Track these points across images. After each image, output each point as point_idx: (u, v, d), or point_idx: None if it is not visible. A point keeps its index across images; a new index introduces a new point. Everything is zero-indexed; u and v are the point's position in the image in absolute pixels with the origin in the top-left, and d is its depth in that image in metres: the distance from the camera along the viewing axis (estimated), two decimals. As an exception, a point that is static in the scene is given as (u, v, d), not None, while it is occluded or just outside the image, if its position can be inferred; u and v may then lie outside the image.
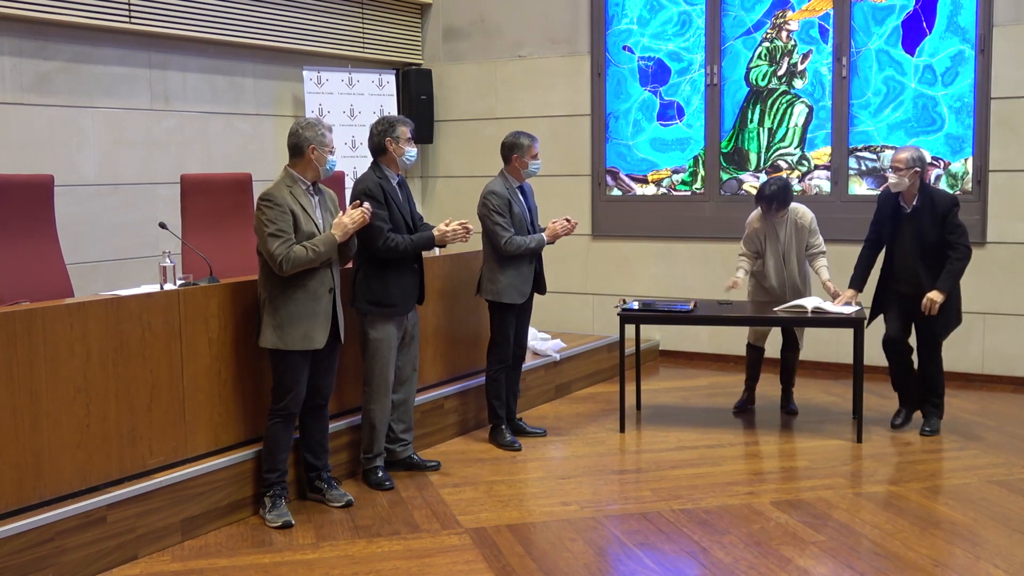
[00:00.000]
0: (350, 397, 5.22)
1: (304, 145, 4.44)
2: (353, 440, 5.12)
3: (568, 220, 5.65)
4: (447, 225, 5.02)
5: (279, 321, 4.39)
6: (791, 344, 6.40)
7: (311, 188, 4.51)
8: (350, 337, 4.88)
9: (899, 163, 5.60)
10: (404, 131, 4.98)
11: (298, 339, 4.41)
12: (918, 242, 5.64)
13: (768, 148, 7.87)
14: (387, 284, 4.91)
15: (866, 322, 5.83)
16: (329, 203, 4.61)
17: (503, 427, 5.70)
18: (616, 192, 8.38)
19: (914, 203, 5.65)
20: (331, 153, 4.51)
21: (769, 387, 7.11)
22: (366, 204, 4.60)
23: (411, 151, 5.02)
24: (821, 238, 6.14)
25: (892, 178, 5.65)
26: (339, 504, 4.70)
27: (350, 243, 4.59)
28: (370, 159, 5.08)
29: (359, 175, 5.06)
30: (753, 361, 6.49)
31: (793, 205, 6.11)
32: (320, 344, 4.49)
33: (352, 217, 4.50)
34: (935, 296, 5.56)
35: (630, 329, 6.20)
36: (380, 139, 4.95)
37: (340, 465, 5.04)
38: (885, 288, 5.86)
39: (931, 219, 5.60)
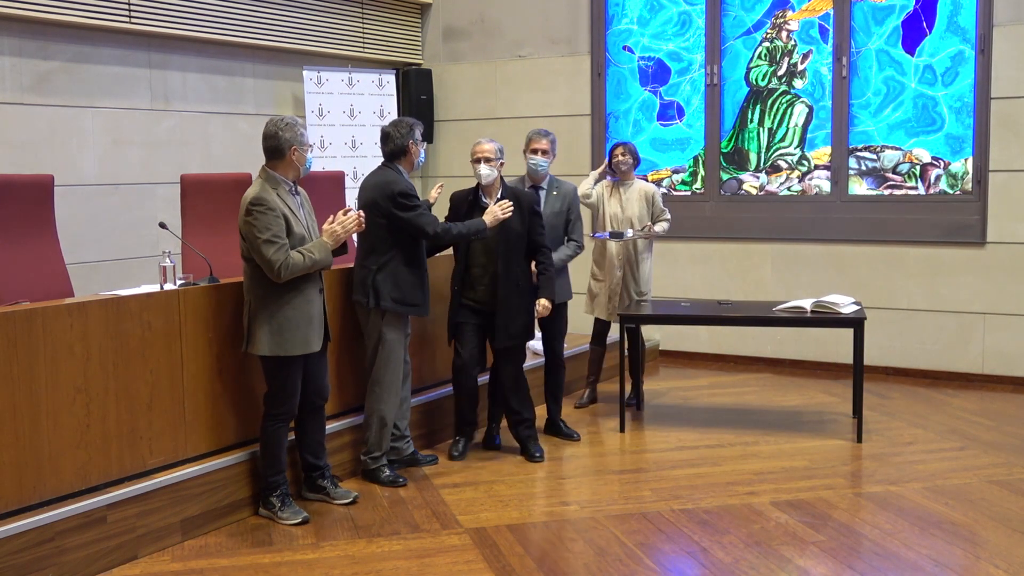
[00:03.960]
0: (351, 397, 5.22)
1: (285, 147, 4.40)
2: (354, 440, 5.12)
3: None
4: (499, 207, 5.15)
5: (277, 327, 4.36)
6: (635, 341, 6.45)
7: (293, 188, 4.50)
8: (353, 336, 4.90)
9: (489, 152, 5.27)
10: (418, 133, 5.08)
11: (298, 344, 4.40)
12: (503, 242, 5.23)
13: (768, 148, 7.88)
14: (413, 283, 4.97)
15: (449, 340, 5.44)
16: (305, 202, 4.61)
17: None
18: (616, 192, 8.38)
19: (497, 197, 5.28)
20: (310, 151, 4.51)
21: (766, 387, 7.12)
22: (360, 212, 4.60)
23: (423, 152, 5.15)
24: (668, 212, 6.39)
25: (484, 169, 5.26)
26: (346, 501, 4.71)
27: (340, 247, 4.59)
28: (370, 159, 5.09)
29: (376, 176, 5.00)
30: (596, 358, 6.61)
31: (639, 181, 6.40)
32: (317, 347, 4.50)
33: (344, 225, 4.48)
34: (547, 303, 5.35)
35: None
36: (405, 141, 4.99)
37: (341, 465, 5.04)
38: (460, 302, 5.36)
39: (524, 213, 5.27)
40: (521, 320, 5.33)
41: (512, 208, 5.15)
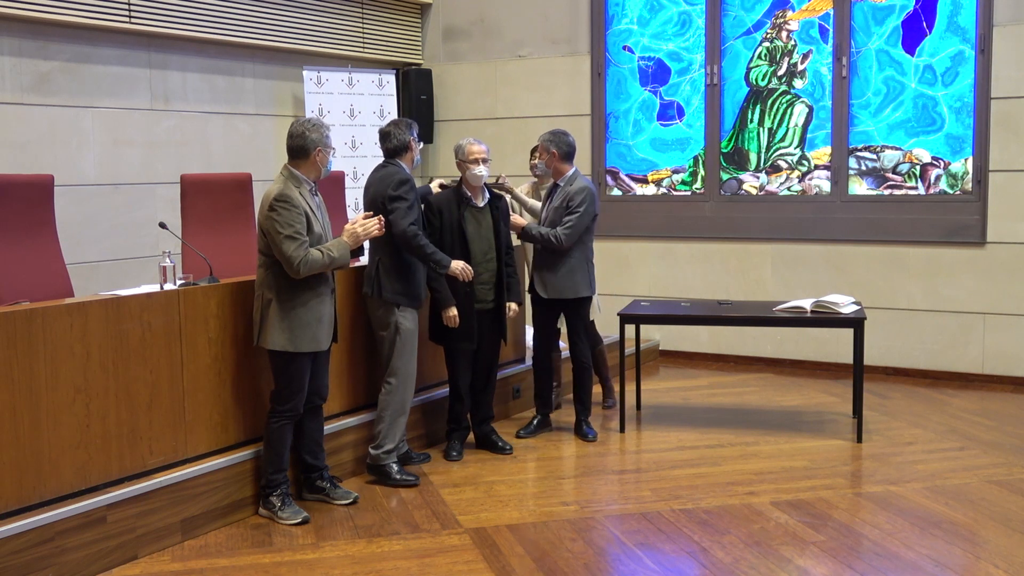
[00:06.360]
0: (353, 396, 5.23)
1: (311, 147, 4.44)
2: (356, 440, 5.12)
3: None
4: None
5: (290, 323, 4.38)
6: (593, 342, 6.28)
7: (314, 188, 4.52)
8: (355, 335, 4.91)
9: (486, 153, 5.32)
10: (416, 132, 5.12)
11: (308, 341, 4.42)
12: (503, 246, 5.37)
13: (768, 148, 7.88)
14: (411, 275, 5.02)
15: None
16: (322, 203, 4.63)
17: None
18: (616, 192, 8.38)
19: (485, 198, 5.36)
20: (332, 154, 4.54)
21: (766, 387, 7.12)
22: (380, 217, 4.64)
23: (419, 152, 5.21)
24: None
25: (484, 169, 5.27)
26: (347, 502, 4.71)
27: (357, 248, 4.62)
28: (370, 159, 5.11)
29: (380, 172, 5.01)
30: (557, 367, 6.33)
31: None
32: (326, 345, 4.53)
33: (365, 227, 4.53)
34: (516, 307, 5.50)
35: (630, 329, 6.20)
36: (406, 138, 5.04)
37: (342, 465, 5.04)
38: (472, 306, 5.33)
39: (505, 216, 5.42)
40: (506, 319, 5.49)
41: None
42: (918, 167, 7.37)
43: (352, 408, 5.23)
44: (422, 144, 5.19)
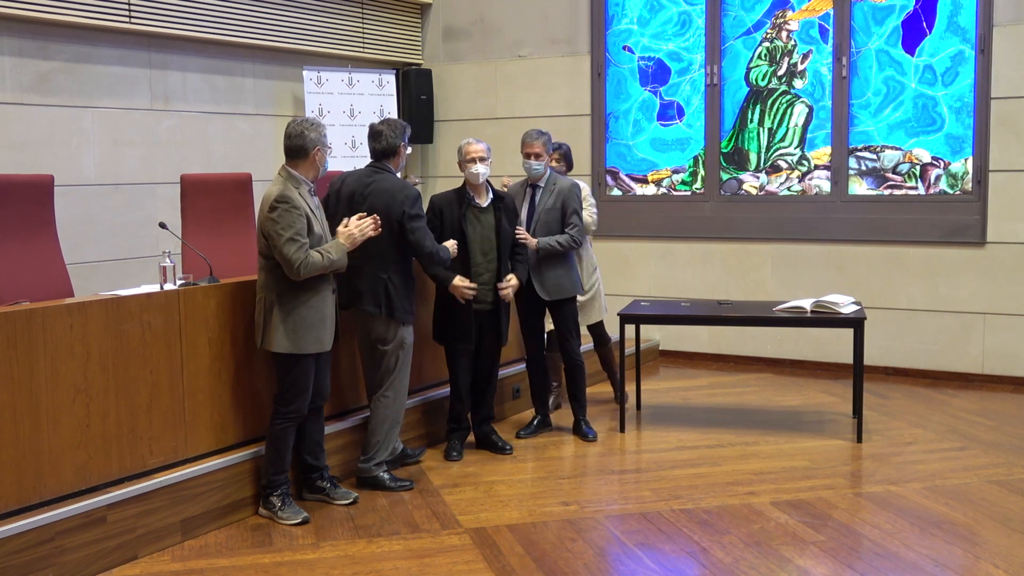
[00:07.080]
0: (347, 398, 5.22)
1: (310, 147, 4.43)
2: (352, 441, 5.11)
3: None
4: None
5: (293, 325, 4.37)
6: (602, 341, 6.41)
7: (312, 189, 4.52)
8: (347, 339, 4.90)
9: (483, 152, 5.31)
10: (407, 136, 5.06)
11: (312, 342, 4.42)
12: (503, 244, 5.38)
13: (768, 148, 7.88)
14: (415, 293, 5.05)
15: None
16: (320, 204, 4.62)
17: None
18: (616, 192, 8.39)
19: (489, 198, 5.36)
20: (329, 153, 4.53)
21: (766, 387, 7.12)
22: (375, 216, 4.62)
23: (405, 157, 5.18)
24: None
25: (481, 168, 5.27)
26: (347, 502, 4.71)
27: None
28: (369, 158, 5.06)
29: (383, 182, 4.90)
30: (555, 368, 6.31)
31: (563, 179, 5.81)
32: (329, 346, 4.53)
33: (362, 229, 4.52)
34: (515, 281, 5.43)
35: (630, 329, 6.20)
36: (397, 141, 4.97)
37: (339, 466, 5.03)
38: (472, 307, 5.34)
39: (510, 216, 5.42)
40: (510, 318, 5.52)
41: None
42: (918, 167, 7.37)
43: (349, 409, 5.22)
44: (410, 149, 5.14)
